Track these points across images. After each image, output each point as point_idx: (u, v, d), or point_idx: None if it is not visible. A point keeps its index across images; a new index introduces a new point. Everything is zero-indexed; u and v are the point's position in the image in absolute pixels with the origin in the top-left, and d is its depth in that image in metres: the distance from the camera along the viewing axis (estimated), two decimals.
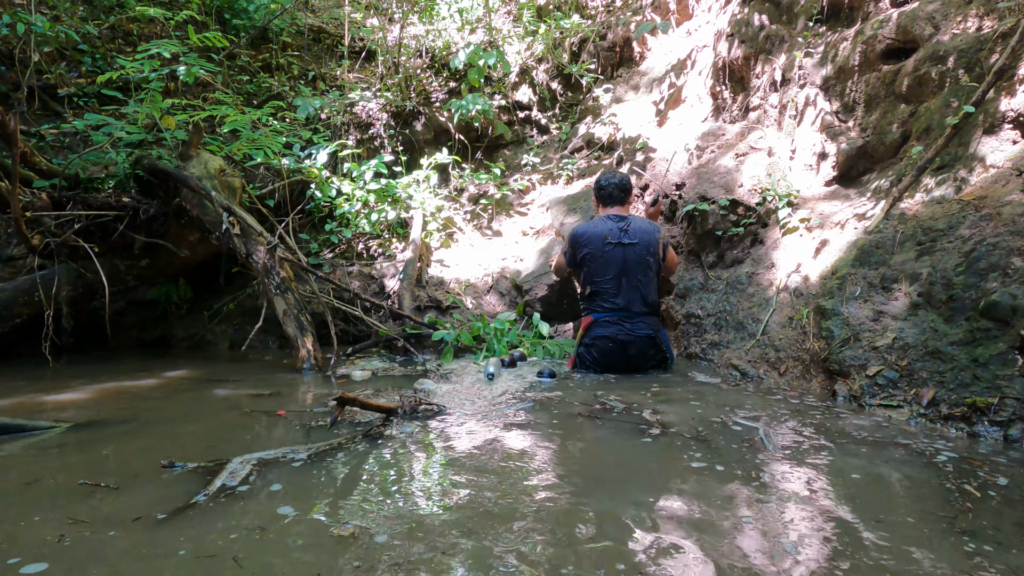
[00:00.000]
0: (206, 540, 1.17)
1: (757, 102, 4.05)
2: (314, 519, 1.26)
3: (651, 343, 3.05)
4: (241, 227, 3.34)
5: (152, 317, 4.39)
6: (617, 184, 3.28)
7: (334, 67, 6.17)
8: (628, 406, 2.25)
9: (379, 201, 4.57)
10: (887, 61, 3.26)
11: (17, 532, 1.22)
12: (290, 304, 3.30)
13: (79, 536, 1.19)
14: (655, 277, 3.17)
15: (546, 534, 1.16)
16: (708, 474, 1.50)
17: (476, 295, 4.25)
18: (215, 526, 1.23)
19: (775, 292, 3.18)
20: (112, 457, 1.76)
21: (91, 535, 1.20)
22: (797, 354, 2.81)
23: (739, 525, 1.19)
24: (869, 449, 1.70)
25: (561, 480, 1.47)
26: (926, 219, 2.61)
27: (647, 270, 3.12)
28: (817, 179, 3.54)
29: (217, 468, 1.63)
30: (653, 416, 2.08)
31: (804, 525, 1.19)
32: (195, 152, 3.74)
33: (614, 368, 3.06)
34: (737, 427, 1.94)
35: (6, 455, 1.77)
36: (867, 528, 1.17)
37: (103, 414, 2.27)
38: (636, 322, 3.04)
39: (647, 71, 5.30)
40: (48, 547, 1.14)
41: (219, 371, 3.29)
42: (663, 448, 1.73)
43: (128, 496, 1.42)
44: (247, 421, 2.16)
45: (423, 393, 2.49)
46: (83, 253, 3.31)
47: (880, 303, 2.52)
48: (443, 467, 1.61)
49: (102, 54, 5.10)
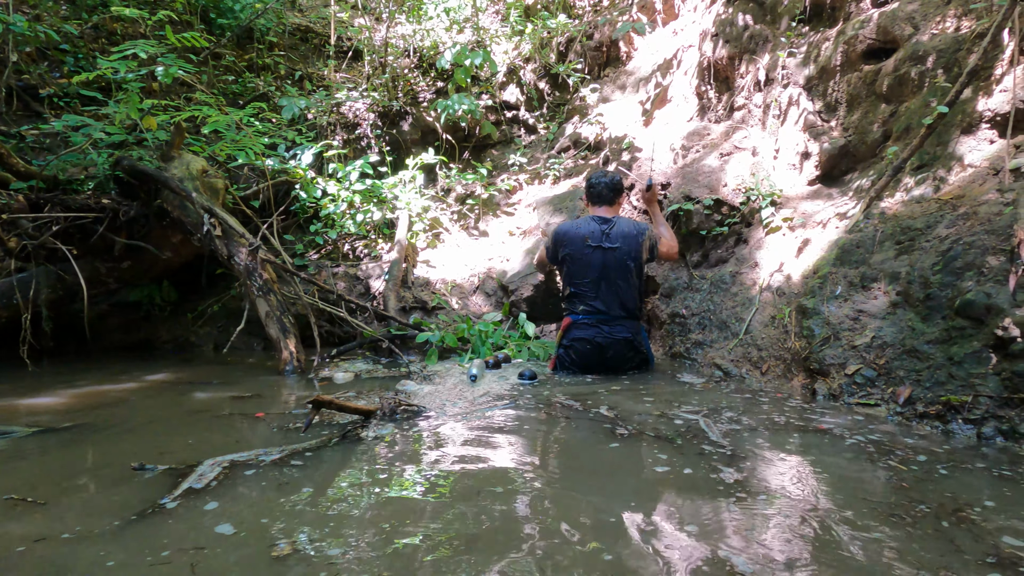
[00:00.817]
0: (164, 545, 1.15)
1: (742, 102, 4.06)
2: (271, 524, 1.25)
3: (629, 346, 3.05)
4: (223, 228, 3.32)
5: (135, 319, 4.35)
6: (607, 184, 3.22)
7: (321, 67, 6.14)
8: (603, 407, 2.25)
9: (365, 202, 4.55)
10: (868, 61, 3.27)
11: None
12: (273, 306, 3.27)
13: (40, 541, 1.17)
14: (637, 281, 3.12)
15: (520, 548, 1.15)
16: (673, 475, 1.50)
17: (462, 296, 4.23)
18: (175, 531, 1.22)
19: (758, 291, 3.19)
20: (81, 460, 1.74)
21: (47, 541, 1.18)
22: (779, 353, 2.82)
23: (706, 518, 1.19)
24: (830, 442, 1.71)
25: (534, 484, 1.47)
26: (905, 218, 2.62)
27: (627, 275, 3.08)
28: (800, 178, 3.55)
29: (187, 470, 1.61)
30: (630, 418, 2.08)
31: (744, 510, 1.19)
32: (177, 153, 3.71)
33: (593, 370, 3.06)
34: (679, 421, 1.94)
35: None
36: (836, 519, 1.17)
37: (79, 418, 2.24)
38: (614, 325, 3.03)
39: (634, 70, 5.30)
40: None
41: (201, 374, 3.26)
42: (633, 450, 1.72)
43: (94, 500, 1.40)
44: (225, 424, 2.14)
45: (404, 395, 2.47)
46: (62, 255, 3.27)
47: (860, 302, 2.53)
48: (417, 471, 1.60)
49: (85, 54, 5.04)
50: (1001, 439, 1.74)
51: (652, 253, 3.17)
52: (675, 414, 2.12)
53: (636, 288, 3.11)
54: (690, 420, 2.03)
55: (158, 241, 3.74)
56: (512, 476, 1.51)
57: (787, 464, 1.59)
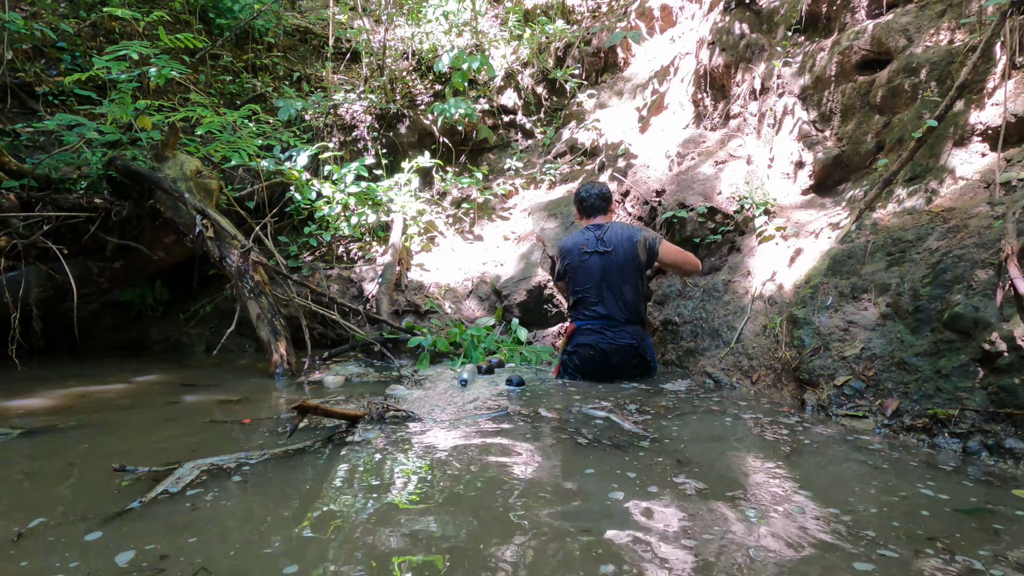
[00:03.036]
0: (129, 547, 1.15)
1: (737, 110, 4.07)
2: (245, 528, 1.24)
3: (633, 352, 3.03)
4: (215, 230, 3.31)
5: (127, 319, 4.34)
6: (597, 195, 3.26)
7: (319, 68, 6.14)
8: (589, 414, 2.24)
9: (359, 204, 4.54)
10: (862, 72, 3.28)
11: None
12: (264, 308, 3.26)
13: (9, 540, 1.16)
14: (639, 283, 3.11)
15: (498, 554, 1.15)
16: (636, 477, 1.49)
17: (455, 300, 4.23)
18: (143, 535, 1.21)
19: (750, 300, 3.19)
20: (64, 463, 1.73)
21: (16, 542, 1.17)
22: (769, 363, 2.81)
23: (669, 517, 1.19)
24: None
25: (514, 492, 1.46)
26: (896, 230, 2.62)
27: (627, 277, 3.08)
28: (794, 188, 3.56)
29: (166, 473, 1.60)
30: (632, 424, 2.07)
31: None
32: (171, 153, 3.70)
33: (596, 376, 3.04)
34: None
35: None
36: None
37: (66, 420, 2.23)
38: (618, 331, 3.01)
39: (631, 77, 5.31)
40: None
41: (191, 375, 3.25)
42: (600, 457, 1.72)
43: (68, 501, 1.39)
44: (210, 427, 2.13)
45: (393, 400, 2.47)
46: (53, 255, 3.26)
47: (850, 313, 2.53)
48: (400, 476, 1.59)
49: (82, 52, 5.03)
50: (986, 453, 1.74)
51: (650, 255, 3.13)
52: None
53: (638, 292, 3.10)
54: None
55: (150, 241, 3.74)
56: (493, 482, 1.50)
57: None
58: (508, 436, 1.95)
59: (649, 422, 2.15)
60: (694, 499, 1.39)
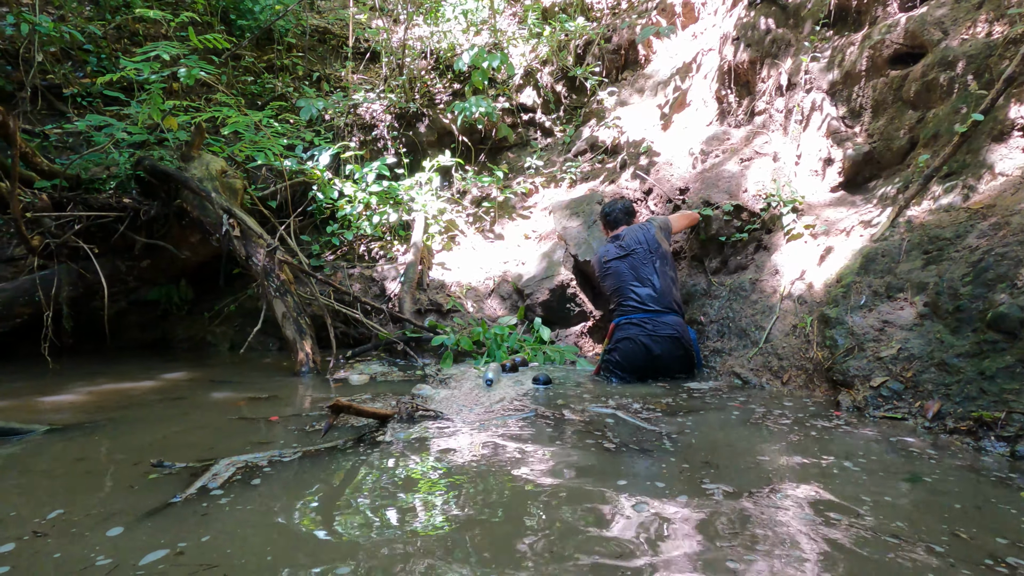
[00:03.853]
0: (174, 542, 1.15)
1: (763, 106, 4.01)
2: (288, 525, 1.24)
3: (677, 344, 2.99)
4: (241, 229, 3.33)
5: (153, 318, 4.39)
6: (621, 209, 3.47)
7: (338, 68, 6.17)
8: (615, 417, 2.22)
9: (381, 203, 4.55)
10: (895, 66, 3.21)
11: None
12: (289, 307, 3.28)
13: (53, 533, 1.17)
14: (668, 270, 3.16)
15: (526, 555, 1.13)
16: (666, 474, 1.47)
17: (477, 299, 4.22)
18: (183, 529, 1.21)
19: (779, 299, 3.14)
20: (100, 458, 1.74)
21: (60, 535, 1.18)
22: (800, 363, 2.76)
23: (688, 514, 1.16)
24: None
25: (546, 492, 1.44)
26: (933, 227, 2.56)
27: (654, 267, 3.14)
28: (823, 185, 3.49)
29: (203, 469, 1.61)
30: (659, 427, 2.05)
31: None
32: (197, 153, 3.74)
33: (640, 371, 2.99)
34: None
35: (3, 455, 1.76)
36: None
37: (99, 416, 2.26)
38: (658, 322, 3.00)
39: (652, 74, 5.26)
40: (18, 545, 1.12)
41: (218, 373, 3.28)
42: (619, 458, 1.69)
43: (110, 496, 1.40)
44: (242, 424, 2.14)
45: (420, 399, 2.46)
46: (83, 254, 3.31)
47: (885, 312, 2.48)
48: (433, 476, 1.58)
49: (108, 54, 5.11)
50: None
51: (667, 234, 3.31)
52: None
53: (668, 278, 3.12)
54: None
55: (177, 241, 3.77)
56: (526, 483, 1.49)
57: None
58: (537, 441, 1.93)
59: (679, 424, 2.12)
60: (735, 515, 1.36)
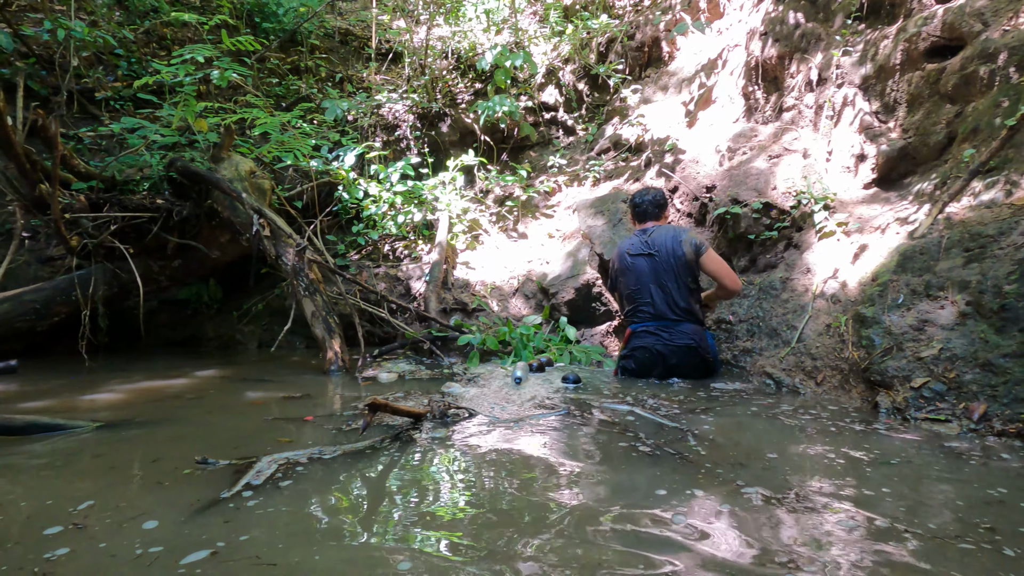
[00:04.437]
0: (227, 539, 1.16)
1: (791, 102, 3.95)
2: (336, 523, 1.25)
3: (692, 354, 2.94)
4: (271, 229, 3.37)
5: (183, 317, 4.47)
6: (651, 201, 3.24)
7: (361, 69, 6.22)
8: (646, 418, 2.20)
9: (406, 203, 4.58)
10: (931, 59, 3.14)
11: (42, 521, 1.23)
12: (318, 306, 3.31)
13: (100, 527, 1.20)
14: (689, 281, 3.03)
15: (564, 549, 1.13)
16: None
17: (502, 298, 4.22)
18: (232, 525, 1.23)
19: (811, 298, 3.08)
20: (145, 454, 1.78)
21: (114, 528, 1.20)
22: (835, 363, 2.71)
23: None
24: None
25: (587, 492, 1.44)
26: (974, 224, 2.50)
27: (676, 276, 3.02)
28: (855, 182, 3.43)
29: (246, 466, 1.63)
30: (689, 429, 2.03)
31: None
32: (226, 154, 3.79)
33: (656, 378, 2.97)
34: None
35: (47, 451, 1.80)
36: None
37: (138, 413, 2.30)
38: (674, 331, 2.94)
39: (676, 71, 5.21)
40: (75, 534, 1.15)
41: (249, 371, 3.32)
42: (655, 461, 1.68)
43: (154, 493, 1.43)
44: (279, 422, 2.17)
45: (451, 397, 2.47)
46: (119, 254, 3.38)
47: (925, 312, 2.42)
48: (472, 474, 1.59)
49: (137, 58, 5.21)
50: None
51: (696, 253, 3.02)
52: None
53: (688, 289, 3.02)
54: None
55: (207, 241, 3.84)
56: (562, 481, 1.48)
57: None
58: (572, 441, 1.93)
59: (713, 425, 2.10)
60: (777, 522, 1.34)
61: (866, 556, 1.10)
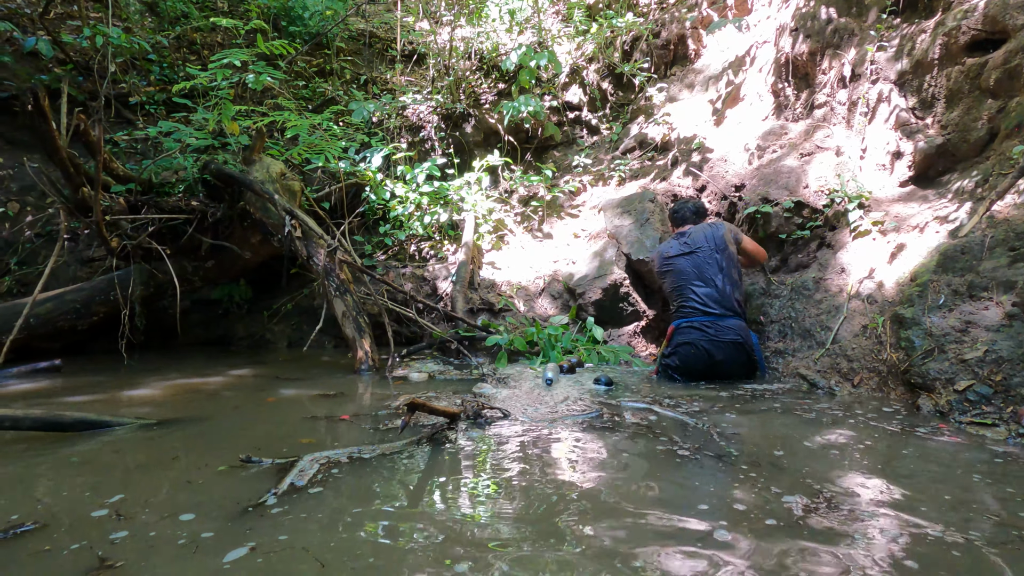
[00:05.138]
0: (269, 535, 1.18)
1: (823, 99, 3.88)
2: (380, 523, 1.26)
3: (740, 350, 2.90)
4: (302, 230, 3.42)
5: (215, 316, 4.56)
6: (691, 209, 3.38)
7: (385, 71, 6.27)
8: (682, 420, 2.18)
9: (432, 203, 4.60)
10: (972, 54, 3.06)
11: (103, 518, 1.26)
12: (349, 306, 3.35)
13: (159, 526, 1.23)
14: (732, 273, 3.04)
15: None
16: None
17: (528, 298, 4.22)
18: (281, 525, 1.25)
19: (846, 299, 3.03)
20: (187, 452, 1.82)
21: (159, 521, 1.23)
22: (872, 365, 2.66)
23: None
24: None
25: (628, 500, 1.43)
26: (1020, 222, 2.43)
27: (719, 268, 3.03)
28: (891, 179, 3.36)
29: (289, 465, 1.66)
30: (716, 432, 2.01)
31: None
32: (258, 157, 3.86)
33: (699, 376, 2.92)
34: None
35: (96, 447, 1.85)
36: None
37: (178, 411, 2.35)
38: (720, 327, 2.90)
39: (703, 69, 5.16)
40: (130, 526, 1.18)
41: (281, 370, 3.37)
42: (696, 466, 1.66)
43: (200, 489, 1.46)
44: (315, 421, 2.20)
45: (484, 398, 2.48)
46: (155, 254, 3.46)
47: (968, 313, 2.36)
48: (510, 474, 1.59)
49: (169, 63, 5.33)
50: None
51: (738, 241, 3.19)
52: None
53: (734, 282, 3.01)
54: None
55: (239, 241, 3.90)
56: (596, 484, 1.48)
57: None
58: (607, 443, 1.92)
59: (751, 428, 2.07)
60: (821, 536, 1.32)
61: (911, 561, 1.08)
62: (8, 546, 1.20)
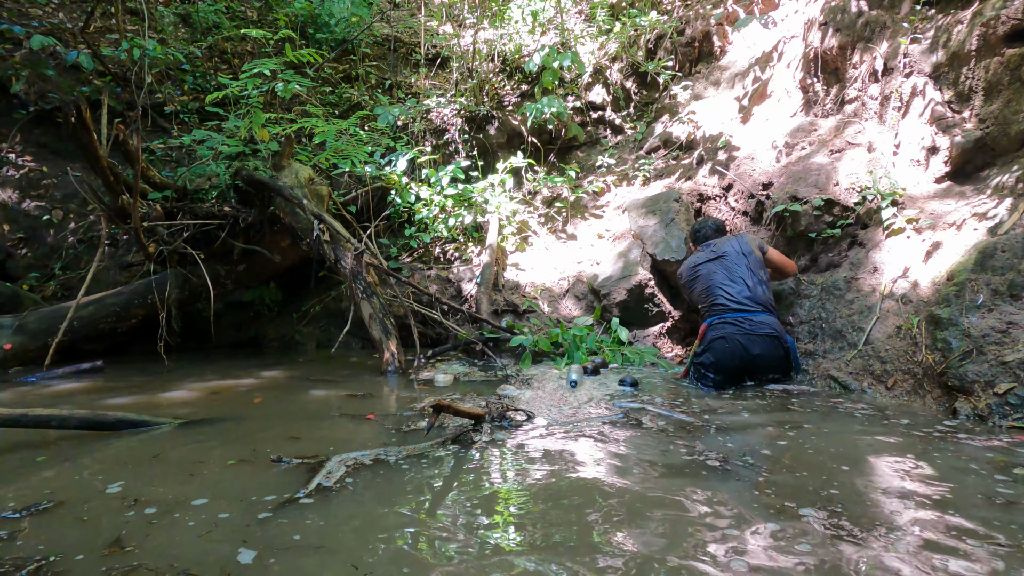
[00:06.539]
0: (303, 532, 1.22)
1: (854, 94, 3.79)
2: (408, 523, 1.29)
3: (777, 344, 2.84)
4: (330, 234, 3.49)
5: (246, 319, 4.68)
6: (712, 227, 3.43)
7: (409, 75, 6.34)
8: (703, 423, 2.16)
9: (456, 206, 4.64)
10: (1011, 44, 2.95)
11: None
12: (375, 308, 3.40)
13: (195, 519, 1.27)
14: (760, 271, 3.04)
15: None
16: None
17: (552, 299, 4.23)
18: (310, 526, 1.28)
19: (879, 299, 2.96)
20: (224, 451, 1.88)
21: (195, 518, 1.28)
22: (907, 367, 2.59)
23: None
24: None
25: (653, 508, 1.43)
26: None
27: (747, 267, 3.03)
28: (926, 176, 3.26)
29: (317, 466, 1.70)
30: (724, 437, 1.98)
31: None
32: (287, 162, 3.95)
33: (734, 372, 2.83)
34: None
35: (135, 445, 1.92)
36: None
37: (213, 411, 2.43)
38: (755, 321, 2.85)
39: (728, 66, 5.09)
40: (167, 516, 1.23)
41: (312, 371, 3.45)
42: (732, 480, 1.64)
43: (234, 487, 1.51)
44: (346, 420, 2.25)
45: (508, 399, 2.49)
46: (190, 259, 3.57)
47: (1009, 313, 2.28)
48: (537, 475, 1.60)
49: (201, 73, 5.48)
50: None
51: (763, 251, 3.20)
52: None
53: (762, 281, 3.00)
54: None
55: (269, 245, 4.00)
56: (621, 485, 1.48)
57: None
58: (630, 446, 1.92)
59: (782, 434, 2.04)
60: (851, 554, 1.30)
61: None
62: (39, 518, 1.26)
